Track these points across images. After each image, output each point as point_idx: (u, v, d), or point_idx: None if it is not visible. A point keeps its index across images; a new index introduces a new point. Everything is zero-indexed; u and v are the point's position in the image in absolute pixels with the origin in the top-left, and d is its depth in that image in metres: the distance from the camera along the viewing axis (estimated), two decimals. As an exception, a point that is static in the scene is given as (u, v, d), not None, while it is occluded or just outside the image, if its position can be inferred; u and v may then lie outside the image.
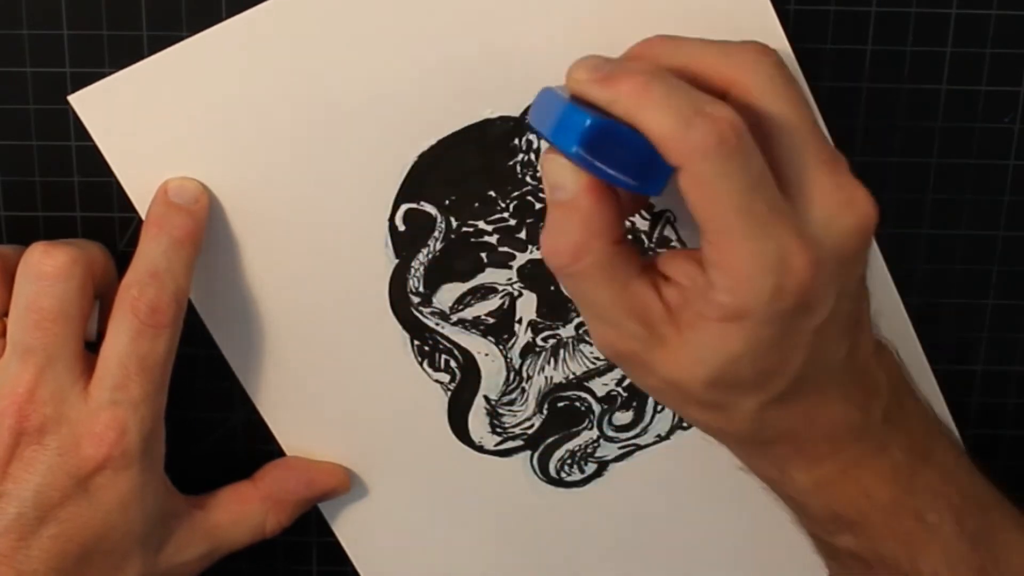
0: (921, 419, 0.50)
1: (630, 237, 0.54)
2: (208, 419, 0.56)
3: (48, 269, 0.48)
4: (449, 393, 0.56)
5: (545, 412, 0.56)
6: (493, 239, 0.54)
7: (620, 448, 0.57)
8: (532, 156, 0.53)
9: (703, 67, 0.45)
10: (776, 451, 0.48)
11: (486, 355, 0.56)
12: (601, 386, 0.56)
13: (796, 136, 0.44)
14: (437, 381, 0.56)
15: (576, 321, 0.55)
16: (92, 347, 0.50)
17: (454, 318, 0.55)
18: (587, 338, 0.55)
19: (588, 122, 0.42)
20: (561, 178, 0.44)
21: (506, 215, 0.54)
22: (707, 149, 0.41)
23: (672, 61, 0.45)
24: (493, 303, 0.55)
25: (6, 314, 0.50)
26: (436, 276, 0.54)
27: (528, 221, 0.54)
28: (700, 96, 0.43)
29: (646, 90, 0.42)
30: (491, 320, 0.55)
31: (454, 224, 0.54)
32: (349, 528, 0.58)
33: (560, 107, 0.44)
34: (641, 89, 0.42)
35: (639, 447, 0.57)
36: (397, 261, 0.54)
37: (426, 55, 0.51)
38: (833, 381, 0.46)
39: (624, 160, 0.43)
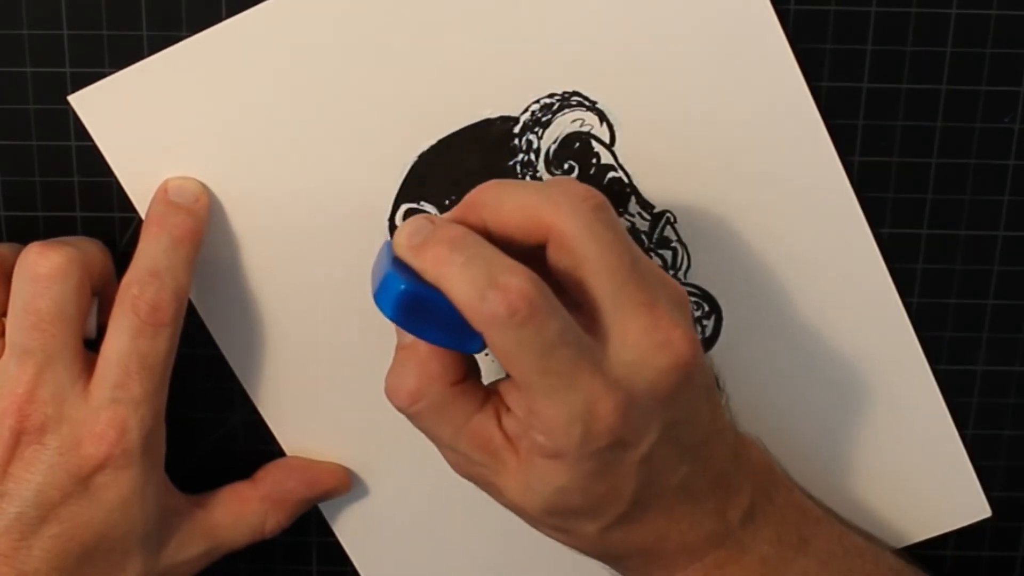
0: (795, 509, 0.52)
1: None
2: (208, 419, 0.56)
3: (44, 270, 0.48)
4: (449, 393, 0.56)
5: (545, 412, 0.56)
6: (493, 239, 0.54)
7: (620, 448, 0.57)
8: (532, 156, 0.53)
9: (527, 213, 0.47)
10: (631, 563, 0.51)
11: (486, 355, 0.55)
12: (601, 386, 0.56)
13: (612, 280, 0.46)
14: (437, 381, 0.56)
15: (576, 321, 0.55)
16: (92, 345, 0.50)
17: (454, 318, 0.55)
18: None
19: (401, 287, 0.45)
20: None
21: (506, 215, 0.54)
22: (499, 320, 0.44)
23: (500, 207, 0.47)
24: (493, 303, 0.55)
25: (4, 314, 0.50)
26: (436, 276, 0.54)
27: (528, 221, 0.54)
28: (498, 264, 0.44)
29: (448, 260, 0.45)
30: (491, 320, 0.55)
31: (454, 224, 0.54)
32: (349, 528, 0.58)
33: (384, 269, 0.46)
34: (444, 259, 0.45)
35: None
36: (397, 261, 0.54)
37: (426, 55, 0.51)
38: (678, 499, 0.49)
39: (439, 322, 0.45)
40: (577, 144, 0.53)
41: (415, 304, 0.45)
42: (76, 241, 0.51)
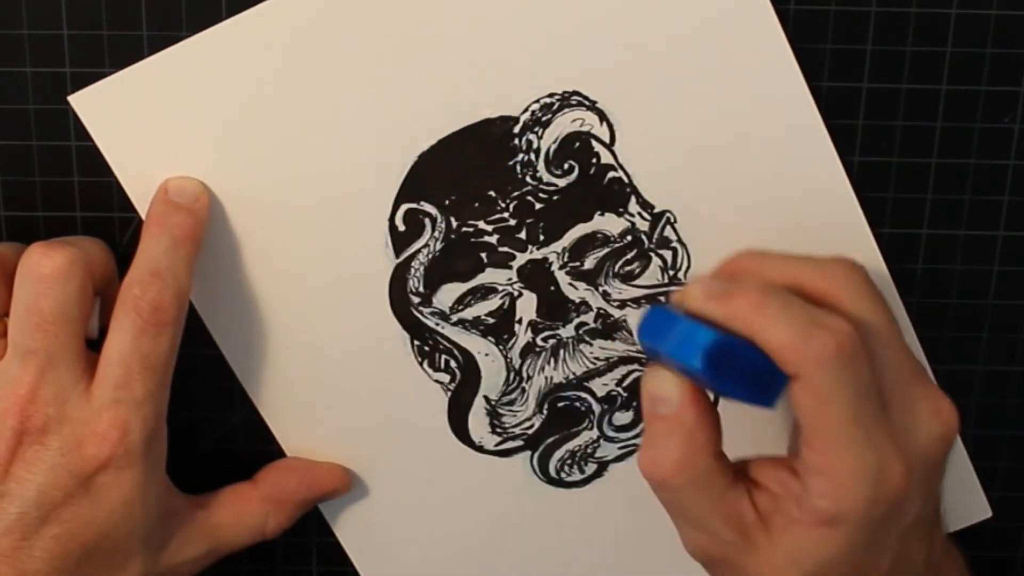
0: None
1: (630, 238, 0.54)
2: (208, 419, 0.56)
3: (47, 271, 0.48)
4: (449, 393, 0.56)
5: (545, 412, 0.56)
6: (493, 239, 0.54)
7: (620, 448, 0.57)
8: (532, 156, 0.53)
9: (798, 281, 0.47)
10: None
11: (486, 355, 0.56)
12: (601, 386, 0.56)
13: (890, 348, 0.46)
14: (437, 381, 0.56)
15: (576, 321, 0.55)
16: (94, 345, 0.50)
17: (454, 318, 0.55)
18: (587, 338, 0.55)
19: (712, 338, 0.44)
20: (665, 392, 0.46)
21: (506, 215, 0.54)
22: (825, 358, 0.43)
23: (767, 274, 0.47)
24: (493, 303, 0.55)
25: (6, 314, 0.50)
26: (436, 276, 0.54)
27: (528, 221, 0.54)
28: (815, 309, 0.44)
29: (763, 304, 0.44)
30: (491, 320, 0.55)
31: (454, 224, 0.54)
32: (349, 528, 0.58)
33: (680, 324, 0.45)
34: (758, 303, 0.44)
35: (639, 447, 0.57)
36: (397, 261, 0.54)
37: (426, 55, 0.51)
38: None
39: (742, 374, 0.44)
40: (577, 144, 0.53)
41: (722, 353, 0.44)
42: (78, 241, 0.51)
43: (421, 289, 0.54)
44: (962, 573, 0.52)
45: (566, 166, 0.53)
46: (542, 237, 0.54)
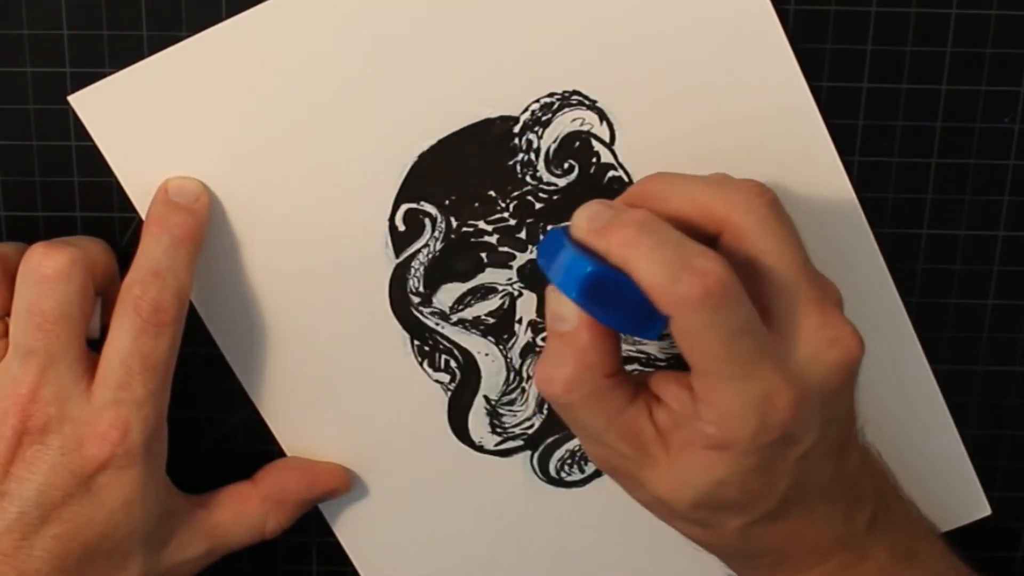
0: (906, 519, 0.52)
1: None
2: (208, 419, 0.56)
3: (48, 271, 0.48)
4: (449, 393, 0.56)
5: (545, 412, 0.56)
6: (493, 239, 0.54)
7: (620, 448, 0.57)
8: (532, 156, 0.53)
9: (698, 206, 0.47)
10: (761, 562, 0.50)
11: (486, 355, 0.56)
12: (601, 386, 0.56)
13: (786, 276, 0.46)
14: (437, 381, 0.56)
15: (576, 321, 0.55)
16: (95, 345, 0.50)
17: (454, 318, 0.55)
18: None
19: (588, 270, 0.44)
20: (563, 310, 0.46)
21: (506, 215, 0.54)
22: (693, 302, 0.43)
23: (669, 200, 0.47)
24: (493, 303, 0.55)
25: (7, 314, 0.50)
26: (436, 276, 0.54)
27: (528, 221, 0.54)
28: (688, 248, 0.44)
29: (636, 242, 0.44)
30: (491, 320, 0.55)
31: (454, 224, 0.54)
32: (349, 528, 0.58)
33: (564, 253, 0.46)
34: (632, 240, 0.44)
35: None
36: (397, 261, 0.54)
37: (426, 55, 0.51)
38: (819, 499, 0.48)
39: (621, 305, 0.45)
40: (577, 143, 0.53)
41: (600, 286, 0.44)
42: (80, 241, 0.51)
43: (421, 289, 0.54)
44: (881, 484, 0.51)
45: (566, 166, 0.53)
46: (542, 237, 0.54)
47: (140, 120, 0.52)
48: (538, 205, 0.54)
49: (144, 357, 0.49)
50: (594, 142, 0.53)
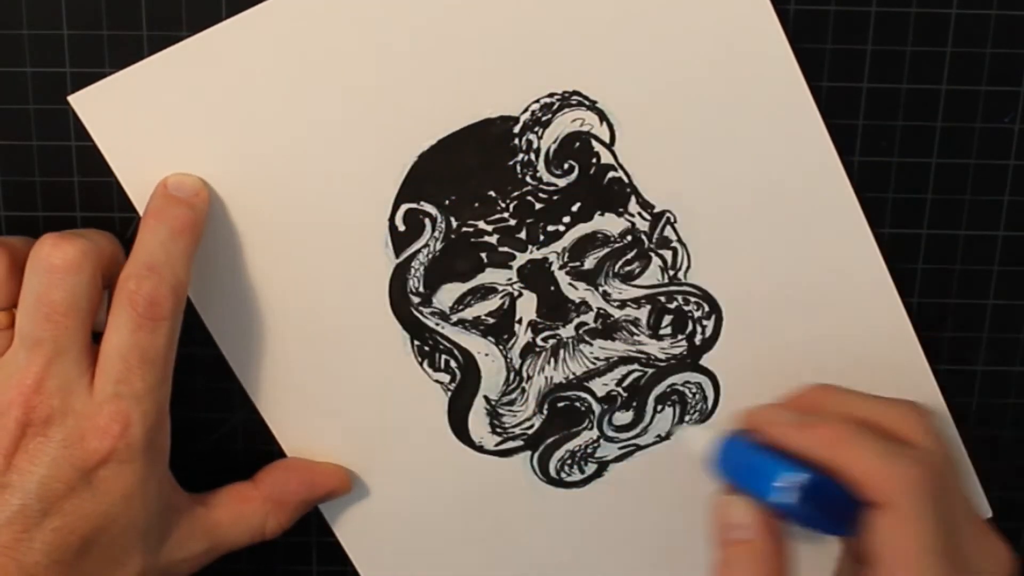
0: None
1: (630, 238, 0.54)
2: (208, 419, 0.56)
3: (58, 262, 0.48)
4: (449, 393, 0.56)
5: (545, 412, 0.56)
6: (493, 239, 0.54)
7: (620, 448, 0.57)
8: (532, 156, 0.53)
9: (866, 417, 0.48)
10: None
11: (486, 355, 0.56)
12: (601, 386, 0.56)
13: (959, 488, 0.47)
14: (437, 381, 0.56)
15: (576, 321, 0.55)
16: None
17: (454, 318, 0.55)
18: (587, 338, 0.55)
19: (806, 476, 0.45)
20: (740, 518, 0.47)
21: (506, 215, 0.54)
22: (915, 482, 0.44)
23: (838, 410, 0.48)
24: (493, 303, 0.55)
25: (14, 306, 0.49)
26: (436, 276, 0.54)
27: (528, 221, 0.54)
28: (895, 442, 0.45)
29: (847, 435, 0.46)
30: (491, 320, 0.55)
31: (454, 224, 0.54)
32: (349, 528, 0.58)
33: (762, 458, 0.47)
34: (842, 434, 0.46)
35: (639, 447, 0.57)
36: (397, 261, 0.54)
37: (426, 55, 0.51)
38: None
39: (824, 507, 0.46)
40: (577, 144, 0.53)
41: (814, 490, 0.45)
42: (89, 233, 0.50)
43: (421, 289, 0.54)
44: None
45: (566, 166, 0.53)
46: (542, 237, 0.54)
47: (140, 120, 0.52)
48: (538, 205, 0.54)
49: (142, 351, 0.49)
50: (594, 143, 0.53)
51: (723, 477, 0.49)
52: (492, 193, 0.53)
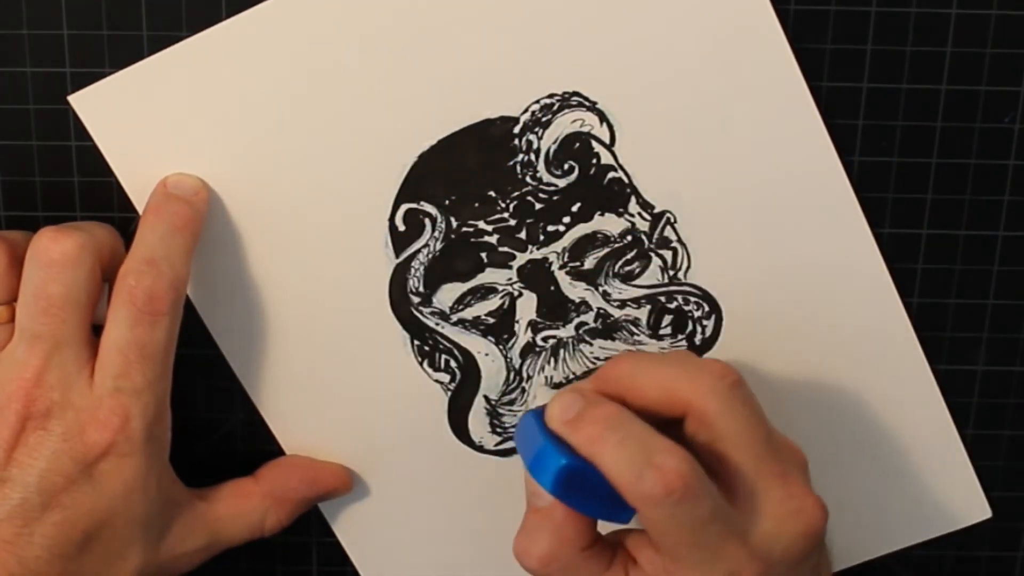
0: None
1: (630, 238, 0.54)
2: (208, 419, 0.56)
3: (56, 256, 0.48)
4: (449, 393, 0.56)
5: (545, 412, 0.56)
6: (493, 239, 0.54)
7: (620, 448, 0.57)
8: (532, 157, 0.53)
9: (665, 389, 0.49)
10: None
11: (486, 355, 0.56)
12: (601, 386, 0.56)
13: (748, 455, 0.48)
14: (437, 381, 0.56)
15: (576, 321, 0.55)
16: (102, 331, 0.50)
17: (454, 318, 0.55)
18: (587, 338, 0.55)
19: (562, 463, 0.47)
20: (539, 487, 0.48)
21: (506, 215, 0.54)
22: (656, 499, 0.45)
23: (637, 383, 0.49)
24: (493, 303, 0.55)
25: (14, 300, 0.49)
26: (436, 276, 0.54)
27: (528, 221, 0.54)
28: (653, 444, 0.46)
29: (603, 438, 0.47)
30: (491, 320, 0.55)
31: (454, 224, 0.54)
32: (349, 528, 0.58)
33: (538, 441, 0.48)
34: (599, 438, 0.47)
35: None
36: (397, 261, 0.54)
37: (426, 55, 0.52)
38: None
39: (593, 494, 0.47)
40: (577, 144, 0.53)
41: (572, 477, 0.46)
42: (88, 226, 0.50)
43: (421, 289, 0.54)
44: None
45: (566, 166, 0.53)
46: (542, 237, 0.54)
47: (140, 120, 0.52)
48: (538, 205, 0.54)
49: (141, 346, 0.49)
50: (594, 143, 0.53)
51: (519, 453, 0.50)
52: (492, 193, 0.53)
